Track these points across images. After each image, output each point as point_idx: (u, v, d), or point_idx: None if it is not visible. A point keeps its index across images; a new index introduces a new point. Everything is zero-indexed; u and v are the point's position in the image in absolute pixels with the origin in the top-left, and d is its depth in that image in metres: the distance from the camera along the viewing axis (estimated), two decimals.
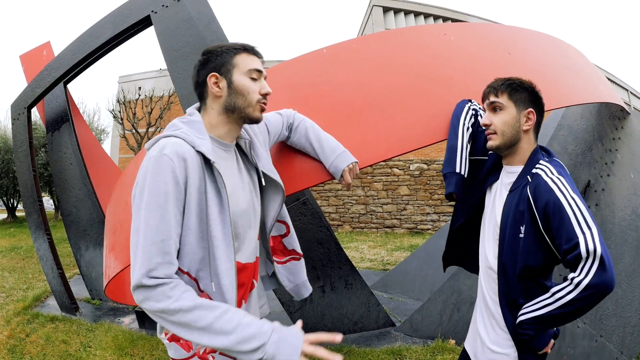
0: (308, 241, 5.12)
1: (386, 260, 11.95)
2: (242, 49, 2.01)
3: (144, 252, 1.63)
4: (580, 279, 1.85)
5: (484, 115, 2.35)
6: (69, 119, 7.00)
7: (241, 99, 1.97)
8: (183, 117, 2.00)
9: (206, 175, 1.81)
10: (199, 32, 4.72)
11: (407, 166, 19.99)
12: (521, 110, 2.22)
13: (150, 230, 1.64)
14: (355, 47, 3.28)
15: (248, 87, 1.97)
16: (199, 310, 1.63)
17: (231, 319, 1.65)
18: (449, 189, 2.55)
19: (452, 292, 5.16)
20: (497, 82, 2.29)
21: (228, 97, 1.98)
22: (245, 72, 1.98)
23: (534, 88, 2.25)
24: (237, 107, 1.98)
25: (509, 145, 2.24)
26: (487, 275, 2.35)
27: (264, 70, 2.04)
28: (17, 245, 14.43)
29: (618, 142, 5.09)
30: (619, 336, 4.49)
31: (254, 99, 1.98)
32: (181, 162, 1.73)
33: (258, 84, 2.01)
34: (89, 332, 5.77)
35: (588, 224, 1.89)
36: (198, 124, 1.94)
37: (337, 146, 2.52)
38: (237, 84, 1.97)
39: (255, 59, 2.03)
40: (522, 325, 2.09)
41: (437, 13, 24.98)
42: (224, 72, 1.98)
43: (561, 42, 4.24)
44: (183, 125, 1.92)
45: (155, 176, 1.69)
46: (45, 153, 22.04)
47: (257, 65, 2.02)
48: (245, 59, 2.00)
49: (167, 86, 25.22)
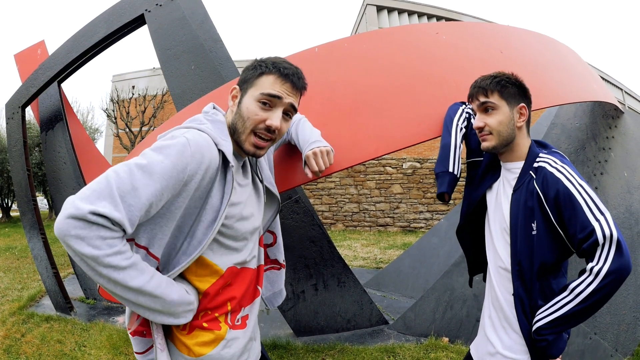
0: (301, 239, 5.13)
1: (379, 258, 12.01)
2: (276, 70, 1.80)
3: (106, 188, 1.42)
4: (599, 267, 1.81)
5: (476, 117, 2.27)
6: (63, 118, 6.98)
7: (240, 123, 1.81)
8: (206, 114, 1.86)
9: (218, 177, 1.70)
10: (192, 31, 4.73)
11: (400, 165, 20.07)
12: (513, 107, 2.18)
13: (125, 183, 1.44)
14: (347, 46, 3.29)
15: (250, 113, 1.78)
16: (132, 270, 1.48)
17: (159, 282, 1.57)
18: (441, 188, 2.53)
19: (444, 290, 5.18)
20: (484, 81, 2.21)
21: (234, 116, 1.85)
22: (257, 96, 1.78)
23: (521, 81, 2.22)
24: (236, 129, 1.82)
25: (505, 144, 2.19)
26: (500, 276, 2.26)
27: (286, 98, 1.82)
28: (11, 245, 14.38)
29: (612, 141, 5.10)
30: (614, 334, 4.52)
31: (249, 128, 1.80)
32: (198, 154, 1.60)
33: (266, 113, 1.79)
34: (83, 331, 5.76)
35: (601, 210, 1.87)
36: (222, 125, 1.81)
37: (310, 137, 2.39)
38: (243, 105, 1.81)
39: (284, 85, 1.80)
40: (541, 331, 2.00)
41: (432, 12, 24.97)
42: (243, 88, 1.85)
43: (554, 41, 4.26)
44: (207, 121, 1.79)
45: (167, 151, 1.55)
46: (39, 152, 22.02)
47: (278, 90, 1.79)
48: (268, 82, 1.80)
49: (161, 85, 25.22)
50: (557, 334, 2.00)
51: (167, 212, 1.60)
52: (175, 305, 1.63)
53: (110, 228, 1.40)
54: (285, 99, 1.80)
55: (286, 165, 2.61)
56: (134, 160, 1.51)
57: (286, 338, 5.30)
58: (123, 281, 1.46)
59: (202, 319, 1.77)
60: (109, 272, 1.43)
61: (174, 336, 1.76)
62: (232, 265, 1.85)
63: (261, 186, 2.07)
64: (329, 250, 5.30)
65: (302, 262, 5.18)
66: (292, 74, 1.82)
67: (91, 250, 1.38)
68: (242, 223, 1.84)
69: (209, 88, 4.34)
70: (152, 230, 1.60)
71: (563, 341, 2.11)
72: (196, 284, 1.77)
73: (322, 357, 4.74)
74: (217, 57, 4.64)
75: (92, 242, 1.37)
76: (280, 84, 1.80)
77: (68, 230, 1.35)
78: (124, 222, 1.42)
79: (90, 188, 1.42)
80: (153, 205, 1.50)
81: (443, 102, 2.91)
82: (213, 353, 1.76)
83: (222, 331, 1.80)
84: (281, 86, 1.80)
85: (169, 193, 1.54)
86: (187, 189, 1.60)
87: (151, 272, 1.56)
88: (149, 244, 1.61)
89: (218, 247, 1.78)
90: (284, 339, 5.23)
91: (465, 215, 2.54)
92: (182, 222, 1.66)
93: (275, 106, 1.80)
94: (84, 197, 1.39)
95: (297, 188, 4.70)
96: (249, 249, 1.95)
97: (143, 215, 1.49)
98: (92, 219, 1.36)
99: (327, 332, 5.44)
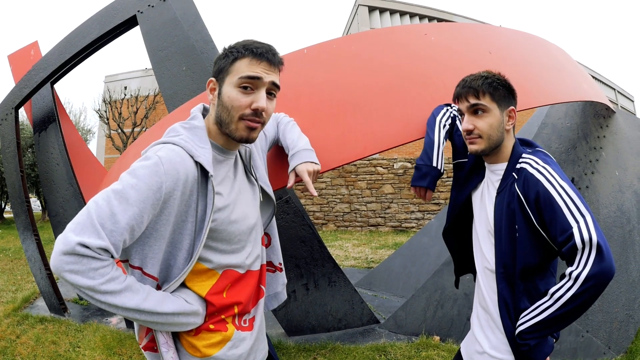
0: (291, 239, 5.15)
1: (370, 258, 12.06)
2: (249, 51, 1.72)
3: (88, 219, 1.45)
4: (578, 271, 1.77)
5: (465, 119, 2.17)
6: (56, 119, 6.94)
7: (225, 114, 1.74)
8: (185, 122, 1.79)
9: (199, 188, 1.67)
10: (184, 32, 4.75)
11: (391, 165, 20.11)
12: (504, 109, 2.11)
13: (104, 211, 1.46)
14: (336, 47, 3.31)
15: (233, 100, 1.71)
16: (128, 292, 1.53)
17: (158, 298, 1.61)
18: (422, 183, 2.51)
19: (435, 289, 5.20)
20: (475, 81, 2.11)
21: (217, 108, 1.77)
22: (235, 81, 1.71)
23: (509, 82, 2.15)
24: (223, 121, 1.76)
25: (493, 148, 2.13)
26: (486, 277, 2.24)
27: (266, 77, 1.73)
28: (5, 247, 14.36)
29: (603, 140, 5.14)
30: (606, 331, 4.55)
31: (236, 115, 1.73)
32: (172, 170, 1.57)
33: (250, 97, 1.72)
34: (77, 332, 5.77)
35: (581, 211, 1.83)
36: (200, 130, 1.75)
37: (295, 144, 2.37)
38: (223, 95, 1.73)
39: (260, 65, 1.72)
40: (523, 335, 1.98)
41: (423, 13, 25.00)
42: (219, 78, 1.77)
43: (544, 41, 4.28)
44: (184, 131, 1.73)
45: (140, 173, 1.53)
46: (32, 154, 21.97)
47: (255, 71, 1.71)
48: (243, 65, 1.71)
49: (153, 85, 25.24)
50: (539, 338, 1.98)
51: (153, 231, 1.61)
52: (175, 316, 1.65)
53: (99, 258, 1.45)
54: (265, 78, 1.72)
55: (274, 165, 2.61)
56: (112, 187, 1.53)
57: (278, 338, 5.32)
58: (121, 304, 1.51)
59: (208, 321, 1.78)
60: (106, 298, 1.49)
61: (181, 337, 1.77)
62: (229, 268, 1.84)
63: (257, 184, 2.04)
64: (320, 250, 5.32)
65: (293, 262, 5.20)
66: (265, 52, 1.74)
67: (87, 281, 1.44)
68: (233, 225, 1.81)
69: (201, 89, 4.35)
70: (142, 250, 1.62)
71: (549, 346, 2.10)
72: (196, 289, 1.77)
73: (314, 357, 4.76)
74: (209, 58, 4.64)
75: (86, 274, 1.43)
76: (257, 64, 1.72)
77: (62, 266, 1.41)
78: (109, 248, 1.46)
79: (75, 221, 1.46)
80: (135, 228, 1.52)
81: (430, 102, 2.92)
82: (220, 354, 1.77)
83: (229, 332, 1.81)
84: (257, 66, 1.72)
85: (149, 213, 1.55)
86: (169, 206, 1.60)
87: (146, 291, 1.59)
88: (142, 264, 1.64)
89: (212, 252, 1.77)
90: (275, 339, 5.25)
91: (451, 217, 2.52)
92: (173, 237, 1.67)
93: (257, 88, 1.72)
94: (70, 230, 1.44)
95: None
96: (248, 251, 1.92)
97: (128, 239, 1.52)
98: (81, 251, 1.41)
99: (318, 331, 5.45)
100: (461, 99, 2.16)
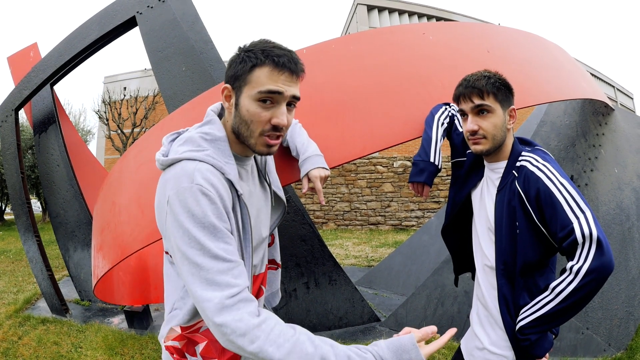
0: (291, 238, 5.17)
1: (371, 256, 12.05)
2: (269, 60, 1.55)
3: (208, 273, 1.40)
4: (579, 265, 1.79)
5: (469, 119, 2.13)
6: (56, 121, 6.98)
7: (244, 128, 1.62)
8: (203, 130, 1.67)
9: (234, 204, 1.60)
10: (183, 33, 4.76)
11: (390, 163, 20.08)
12: (506, 109, 2.11)
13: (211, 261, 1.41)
14: (334, 48, 3.32)
15: (252, 115, 1.58)
16: None
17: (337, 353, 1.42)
18: (419, 178, 2.52)
19: (435, 287, 5.22)
20: (479, 81, 2.08)
21: (235, 119, 1.65)
22: (255, 95, 1.56)
23: (508, 81, 2.14)
24: (241, 134, 1.64)
25: (496, 147, 2.13)
26: (486, 274, 2.27)
27: (287, 91, 1.58)
28: (6, 249, 14.36)
29: (602, 138, 5.13)
30: (606, 328, 4.56)
31: (256, 131, 1.61)
32: (212, 189, 1.48)
33: (270, 111, 1.59)
34: (79, 333, 5.79)
35: (581, 208, 1.85)
36: (222, 144, 1.65)
37: (306, 149, 2.37)
38: (242, 107, 1.60)
39: (281, 76, 1.56)
40: (524, 330, 2.00)
41: (423, 11, 24.94)
42: (236, 87, 1.62)
43: (542, 39, 4.28)
44: (207, 144, 1.61)
45: (191, 205, 1.45)
46: (32, 155, 21.96)
47: (277, 85, 1.55)
48: (263, 76, 1.55)
49: (152, 86, 25.20)
50: (539, 333, 2.00)
51: None
52: None
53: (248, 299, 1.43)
54: (286, 92, 1.57)
55: (277, 163, 2.61)
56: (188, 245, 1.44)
57: None
58: None
59: None
60: None
61: None
62: None
63: (269, 190, 1.99)
64: (320, 248, 5.34)
65: (294, 260, 5.22)
66: (288, 61, 1.56)
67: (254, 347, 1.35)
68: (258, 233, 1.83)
69: (200, 89, 4.37)
70: None
71: (548, 341, 2.11)
72: None
73: None
74: (208, 59, 4.66)
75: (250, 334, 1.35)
76: (278, 76, 1.55)
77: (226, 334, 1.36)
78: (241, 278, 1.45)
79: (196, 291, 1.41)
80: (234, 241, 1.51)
81: (429, 101, 2.93)
82: None
83: None
84: (279, 78, 1.55)
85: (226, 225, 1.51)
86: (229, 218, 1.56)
87: None
88: None
89: None
90: None
91: (450, 215, 2.53)
92: None
93: (278, 102, 1.58)
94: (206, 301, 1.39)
95: (288, 187, 4.71)
96: (260, 256, 1.92)
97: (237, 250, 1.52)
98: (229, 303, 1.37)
99: (319, 329, 5.47)
100: (464, 99, 2.14)
